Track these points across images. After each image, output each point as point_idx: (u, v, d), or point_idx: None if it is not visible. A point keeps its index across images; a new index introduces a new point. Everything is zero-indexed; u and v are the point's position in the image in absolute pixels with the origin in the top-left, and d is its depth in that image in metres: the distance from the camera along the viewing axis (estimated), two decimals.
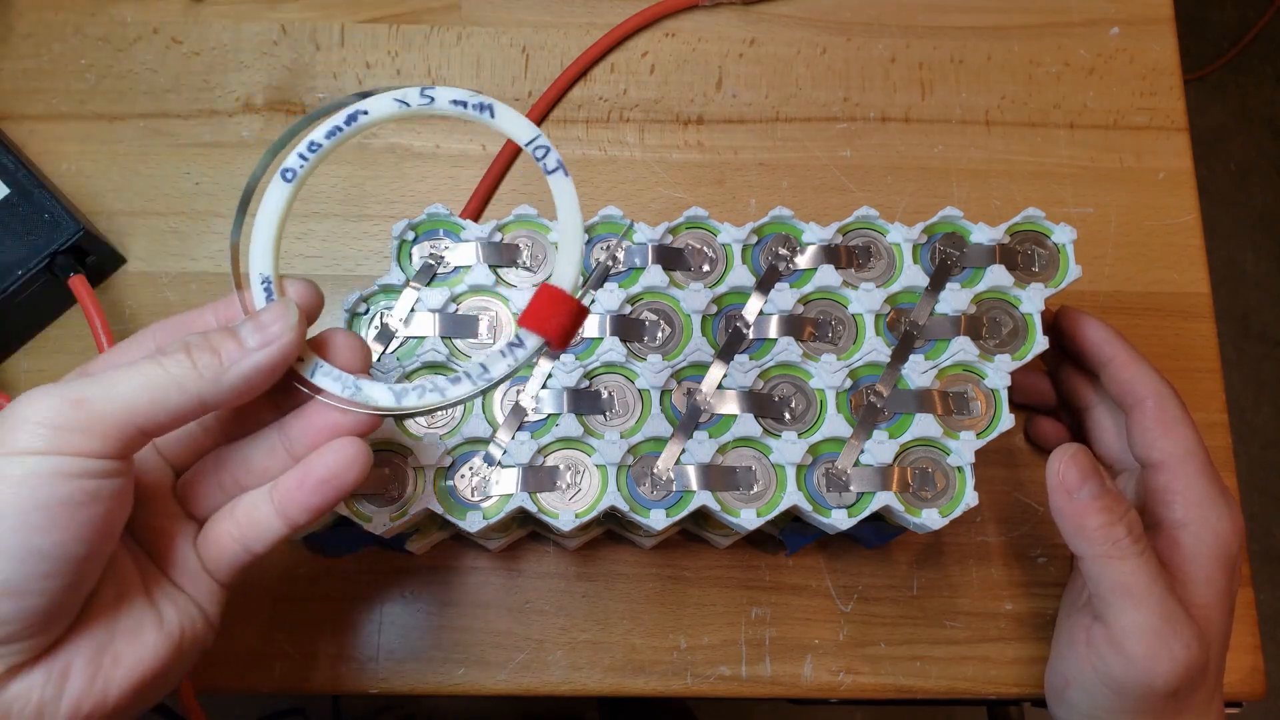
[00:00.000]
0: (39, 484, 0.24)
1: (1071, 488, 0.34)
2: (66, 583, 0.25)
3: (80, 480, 0.25)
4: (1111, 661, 0.34)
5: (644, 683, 0.41)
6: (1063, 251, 0.38)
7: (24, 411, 0.25)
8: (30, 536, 0.24)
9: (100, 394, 0.25)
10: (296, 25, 0.48)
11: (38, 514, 0.24)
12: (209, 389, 0.26)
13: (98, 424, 0.25)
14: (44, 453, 0.24)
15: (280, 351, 0.27)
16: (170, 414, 0.26)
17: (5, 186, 0.42)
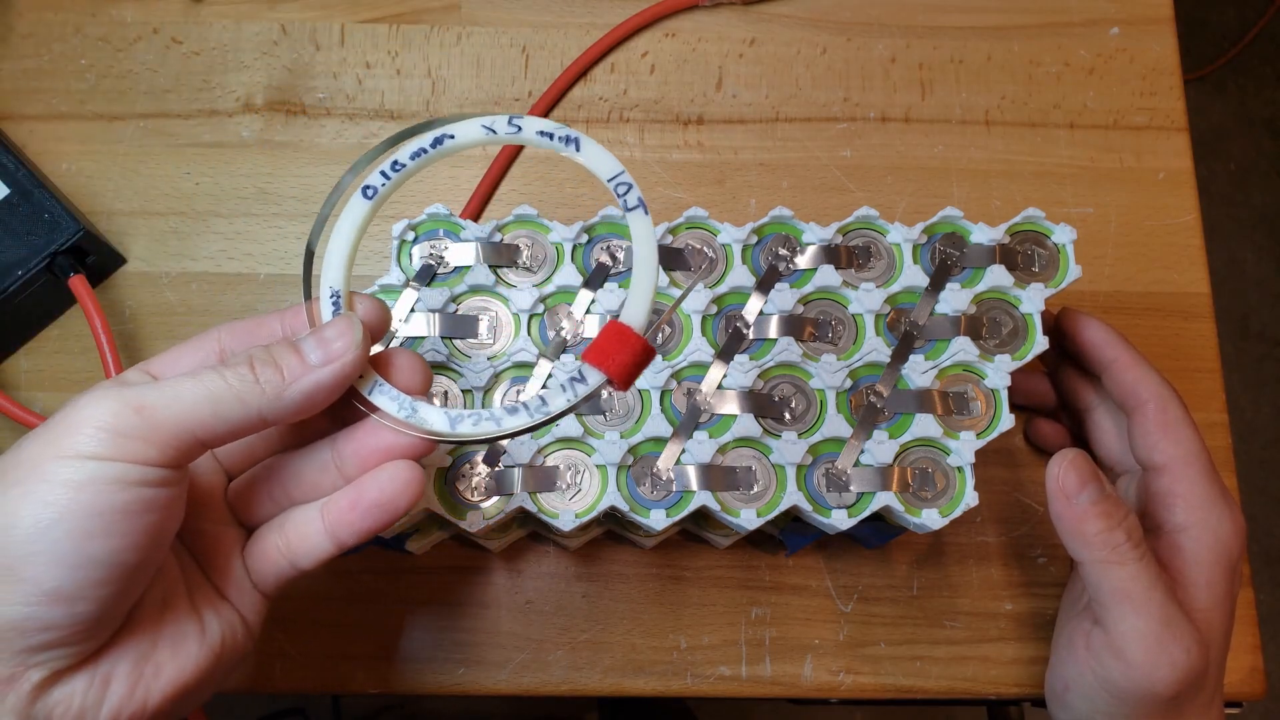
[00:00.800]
0: (97, 490, 0.24)
1: (1071, 493, 0.34)
2: (117, 590, 0.25)
3: (137, 488, 0.25)
4: (1111, 666, 0.34)
5: (644, 683, 0.41)
6: (1063, 251, 0.38)
7: (85, 413, 0.25)
8: (84, 543, 0.24)
9: (162, 402, 0.25)
10: (296, 25, 0.48)
11: (94, 520, 0.24)
12: (270, 405, 0.26)
13: (158, 433, 0.25)
14: (103, 458, 0.24)
15: (342, 370, 0.27)
16: (230, 427, 0.26)
17: (5, 186, 0.42)
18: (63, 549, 0.24)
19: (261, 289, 0.44)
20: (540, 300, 0.37)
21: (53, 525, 0.24)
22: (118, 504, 0.24)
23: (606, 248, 0.37)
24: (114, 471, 0.24)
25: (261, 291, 0.44)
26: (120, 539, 0.24)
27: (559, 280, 0.37)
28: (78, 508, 0.24)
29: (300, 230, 0.45)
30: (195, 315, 0.44)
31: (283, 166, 0.46)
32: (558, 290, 0.37)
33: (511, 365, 0.36)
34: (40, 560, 0.24)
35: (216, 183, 0.46)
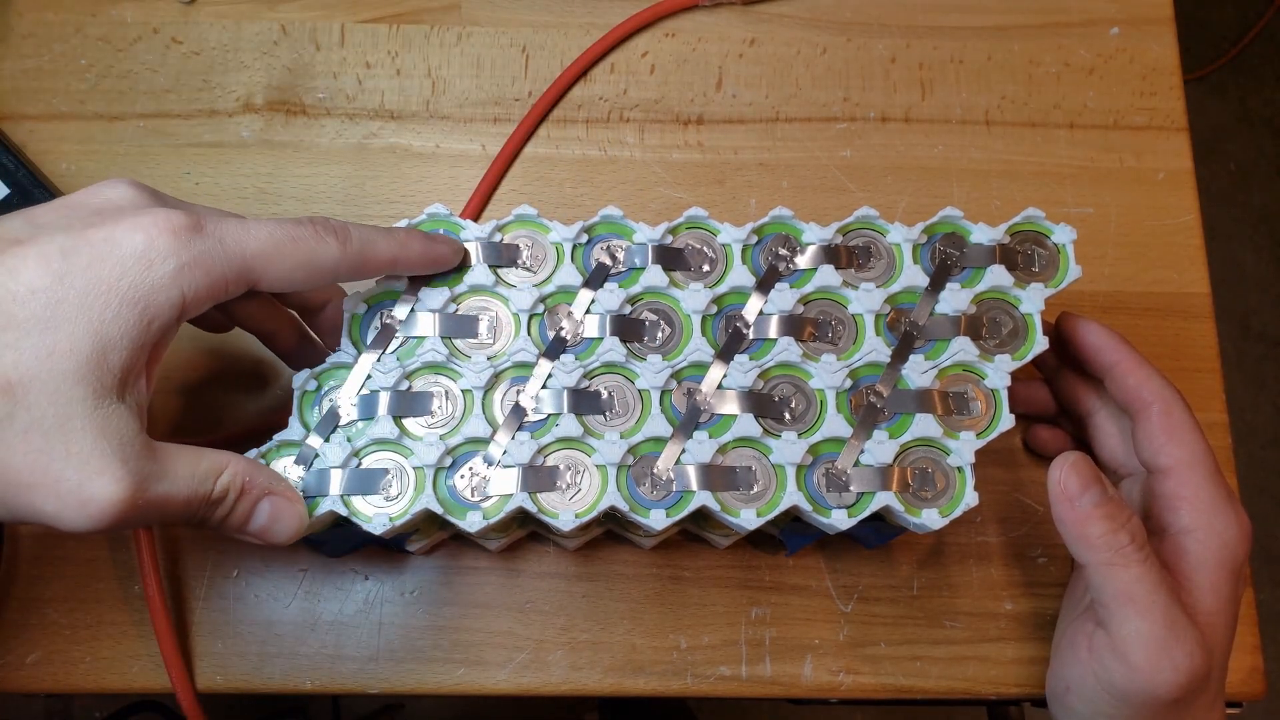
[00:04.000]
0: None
1: (1073, 495, 0.34)
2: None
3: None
4: (1114, 669, 0.34)
5: (644, 683, 0.41)
6: (1063, 252, 0.38)
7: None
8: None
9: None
10: (296, 25, 0.48)
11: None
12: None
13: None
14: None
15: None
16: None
17: (5, 186, 0.42)
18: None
19: None
20: (540, 300, 0.37)
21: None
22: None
23: (606, 248, 0.37)
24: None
25: None
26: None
27: (559, 280, 0.37)
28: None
29: None
30: None
31: (283, 166, 0.46)
32: (558, 290, 0.37)
33: (511, 365, 0.36)
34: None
35: (216, 183, 0.46)
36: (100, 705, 1.10)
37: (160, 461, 0.29)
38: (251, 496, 0.32)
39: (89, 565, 0.41)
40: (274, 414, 0.43)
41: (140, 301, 0.28)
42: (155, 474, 0.28)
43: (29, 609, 0.41)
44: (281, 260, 0.31)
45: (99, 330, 0.27)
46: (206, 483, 0.30)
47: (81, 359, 0.27)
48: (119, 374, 0.28)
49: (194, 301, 0.29)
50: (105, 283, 0.27)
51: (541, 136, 0.47)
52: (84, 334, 0.27)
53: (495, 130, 0.47)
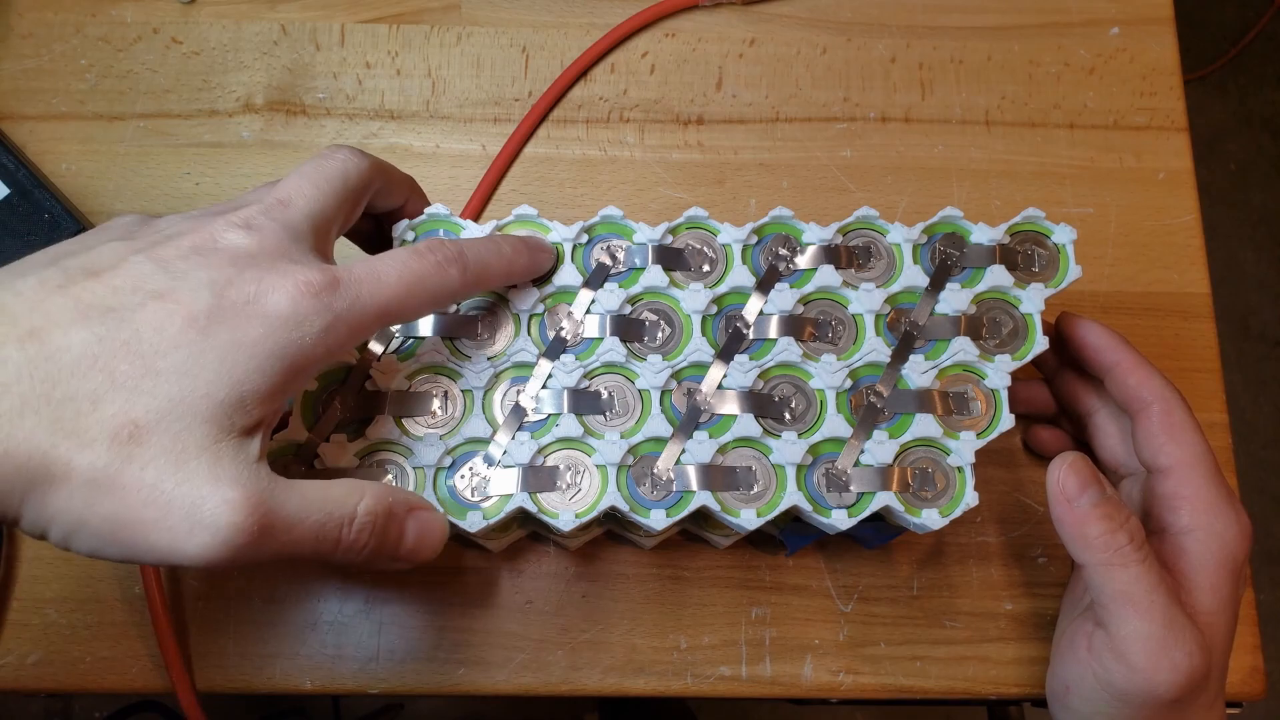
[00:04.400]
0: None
1: (1071, 496, 0.34)
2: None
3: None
4: (1113, 669, 0.34)
5: (644, 683, 0.41)
6: (1063, 252, 0.38)
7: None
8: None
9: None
10: (296, 25, 0.48)
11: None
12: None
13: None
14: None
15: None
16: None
17: (5, 186, 0.42)
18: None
19: None
20: (540, 300, 0.37)
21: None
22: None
23: (606, 248, 0.37)
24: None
25: None
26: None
27: (559, 280, 0.37)
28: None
29: None
30: None
31: (283, 166, 0.46)
32: (558, 290, 0.37)
33: (511, 365, 0.36)
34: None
35: (216, 183, 0.46)
36: (100, 705, 1.10)
37: (283, 487, 0.28)
38: (399, 517, 0.31)
39: (89, 565, 0.41)
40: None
41: (285, 358, 0.28)
42: (276, 498, 0.28)
43: (29, 609, 0.41)
44: (412, 302, 0.31)
45: (239, 381, 0.27)
46: (343, 507, 0.29)
47: (216, 403, 0.27)
48: (254, 420, 0.28)
49: (335, 352, 0.30)
50: (250, 340, 0.27)
51: (541, 136, 0.48)
52: (223, 384, 0.27)
53: (495, 130, 0.47)
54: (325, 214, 0.32)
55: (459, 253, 0.32)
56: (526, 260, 0.35)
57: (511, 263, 0.35)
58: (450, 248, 0.32)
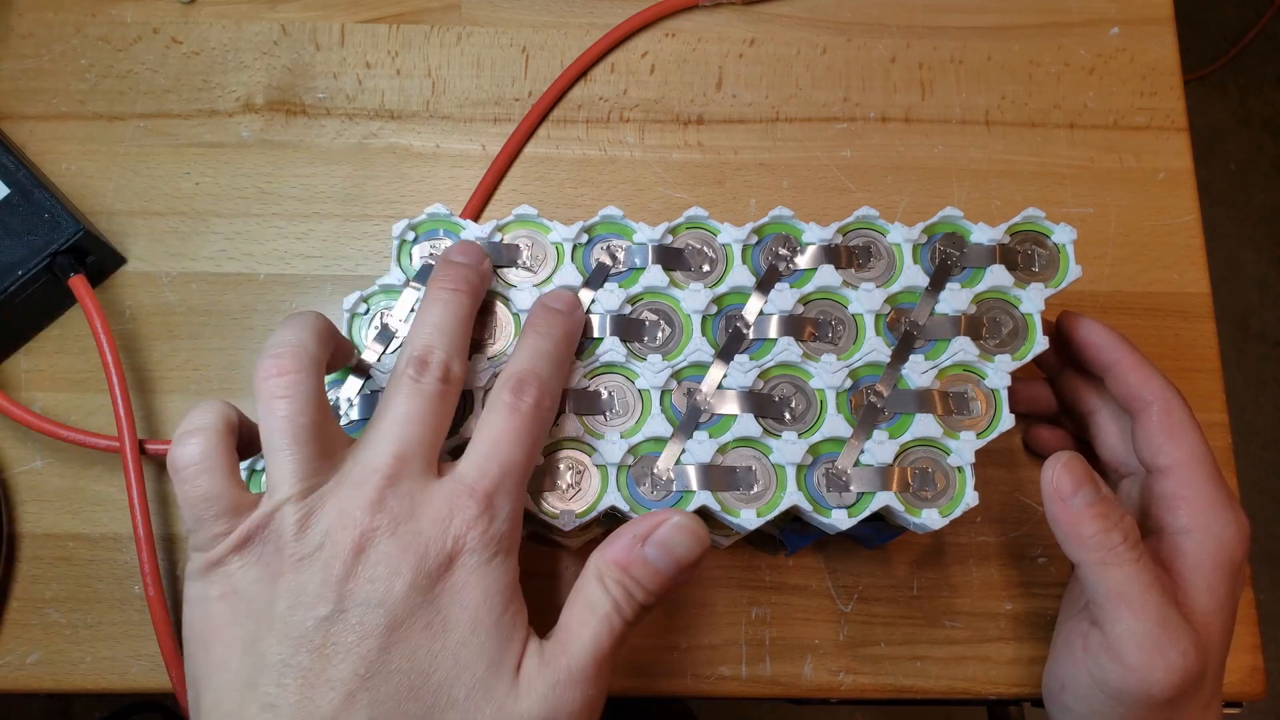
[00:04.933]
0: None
1: (1066, 495, 0.34)
2: None
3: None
4: (1108, 668, 0.34)
5: (644, 683, 0.41)
6: (1063, 251, 0.38)
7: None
8: None
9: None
10: (296, 25, 0.48)
11: None
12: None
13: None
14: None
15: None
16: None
17: (5, 186, 0.42)
18: None
19: (261, 289, 0.44)
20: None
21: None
22: None
23: (606, 248, 0.37)
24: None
25: (261, 292, 0.44)
26: None
27: (559, 280, 0.37)
28: None
29: (300, 230, 0.45)
30: (195, 315, 0.44)
31: (283, 166, 0.46)
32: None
33: None
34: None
35: (216, 183, 0.46)
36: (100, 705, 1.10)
37: (559, 653, 0.30)
38: (635, 563, 0.31)
39: (89, 565, 0.41)
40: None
41: (504, 594, 0.30)
42: (575, 672, 0.30)
43: (29, 609, 0.41)
44: (535, 461, 0.32)
45: (488, 646, 0.29)
46: (609, 617, 0.31)
47: (492, 665, 0.29)
48: (520, 641, 0.30)
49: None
50: (472, 606, 0.29)
51: (541, 136, 0.48)
52: (483, 655, 0.29)
53: (495, 130, 0.47)
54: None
55: (540, 384, 0.32)
56: (578, 323, 0.36)
57: (571, 338, 0.35)
58: (533, 386, 0.32)
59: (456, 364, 0.32)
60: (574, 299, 0.36)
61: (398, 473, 0.29)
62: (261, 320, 0.44)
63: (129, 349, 0.44)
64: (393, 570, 0.28)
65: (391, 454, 0.30)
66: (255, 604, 0.28)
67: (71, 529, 0.42)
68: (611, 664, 0.31)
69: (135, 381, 0.43)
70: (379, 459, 0.30)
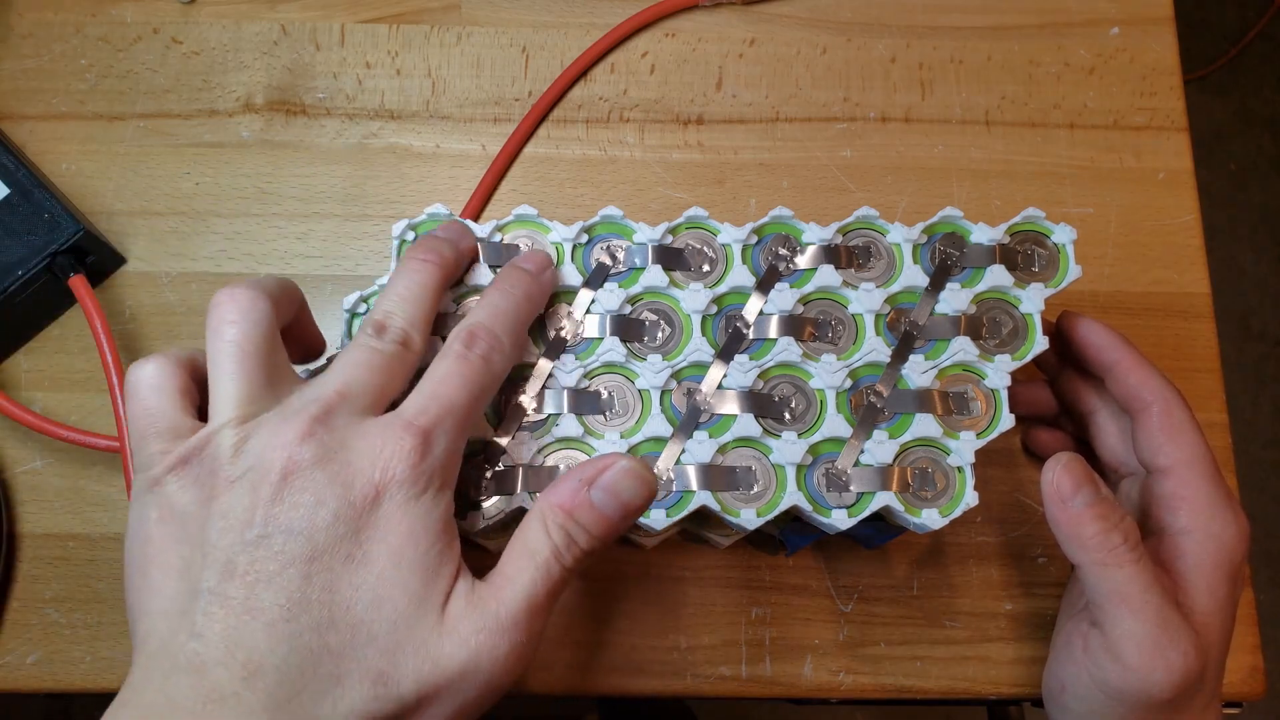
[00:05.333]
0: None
1: (1066, 496, 0.34)
2: None
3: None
4: (1108, 669, 0.34)
5: (644, 683, 0.41)
6: (1063, 251, 0.38)
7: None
8: None
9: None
10: (296, 25, 0.48)
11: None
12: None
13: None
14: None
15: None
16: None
17: (5, 186, 0.42)
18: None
19: None
20: None
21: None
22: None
23: (606, 248, 0.37)
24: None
25: None
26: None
27: (559, 280, 0.37)
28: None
29: (300, 230, 0.45)
30: (195, 315, 0.44)
31: (283, 166, 0.46)
32: (558, 290, 0.37)
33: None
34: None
35: (216, 183, 0.46)
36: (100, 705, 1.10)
37: (488, 591, 0.29)
38: (580, 506, 0.30)
39: (89, 565, 0.41)
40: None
41: (436, 526, 0.29)
42: (509, 602, 0.29)
43: (29, 609, 0.41)
44: (479, 409, 0.32)
45: (413, 577, 0.28)
46: (535, 553, 0.30)
47: (417, 599, 0.28)
48: (448, 577, 0.29)
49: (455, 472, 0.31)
50: (399, 535, 0.28)
51: (541, 136, 0.48)
52: (409, 587, 0.28)
53: (495, 130, 0.47)
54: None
55: (489, 340, 0.32)
56: (546, 284, 0.36)
57: (535, 298, 0.35)
58: (483, 339, 0.32)
59: (416, 334, 0.32)
60: (545, 259, 0.36)
61: (336, 406, 0.29)
62: None
63: (129, 349, 0.44)
64: (318, 499, 0.27)
65: (334, 389, 0.29)
66: (190, 526, 0.28)
67: (71, 529, 0.42)
68: (548, 611, 0.30)
69: None
70: (322, 391, 0.29)
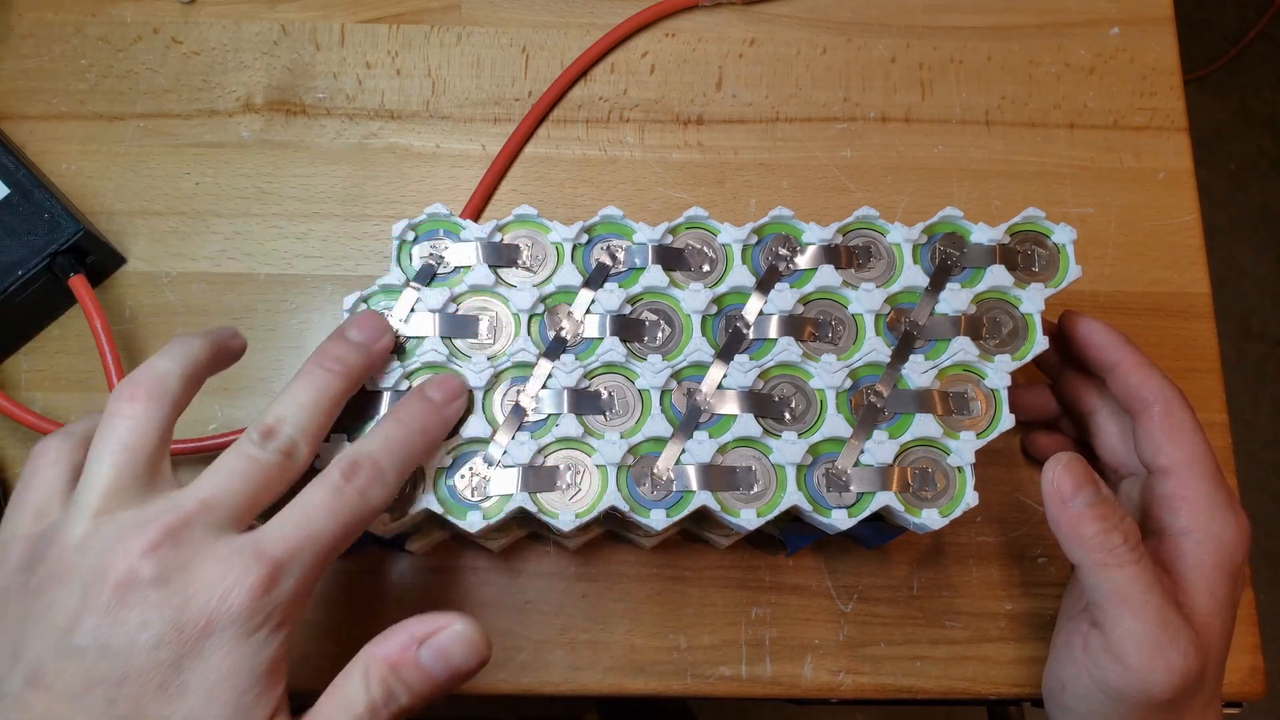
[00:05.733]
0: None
1: (1066, 496, 0.34)
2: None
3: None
4: (1108, 669, 0.34)
5: (644, 683, 0.41)
6: (1063, 251, 0.38)
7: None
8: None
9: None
10: (296, 25, 0.48)
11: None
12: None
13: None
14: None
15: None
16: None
17: (5, 186, 0.42)
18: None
19: (261, 289, 0.44)
20: (540, 300, 0.37)
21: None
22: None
23: (606, 248, 0.37)
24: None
25: (261, 291, 0.44)
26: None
27: (559, 280, 0.37)
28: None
29: (300, 230, 0.45)
30: (195, 315, 0.44)
31: (283, 166, 0.46)
32: (558, 290, 0.37)
33: (512, 365, 0.36)
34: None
35: (216, 183, 0.46)
36: None
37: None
38: (408, 665, 0.29)
39: None
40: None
41: (259, 665, 0.28)
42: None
43: None
44: (345, 545, 0.31)
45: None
46: (350, 706, 0.28)
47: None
48: (269, 713, 0.28)
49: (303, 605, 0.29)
50: (222, 672, 0.27)
51: (541, 136, 0.48)
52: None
53: (495, 130, 0.47)
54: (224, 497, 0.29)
55: (375, 471, 0.31)
56: (449, 418, 0.34)
57: (432, 433, 0.33)
58: (366, 471, 0.30)
59: (304, 445, 0.31)
60: (457, 389, 0.34)
61: (195, 519, 0.28)
62: (262, 320, 0.44)
63: (129, 349, 0.44)
64: (144, 619, 0.26)
65: (198, 499, 0.28)
66: (12, 613, 0.27)
67: None
68: None
69: None
70: (184, 500, 0.28)
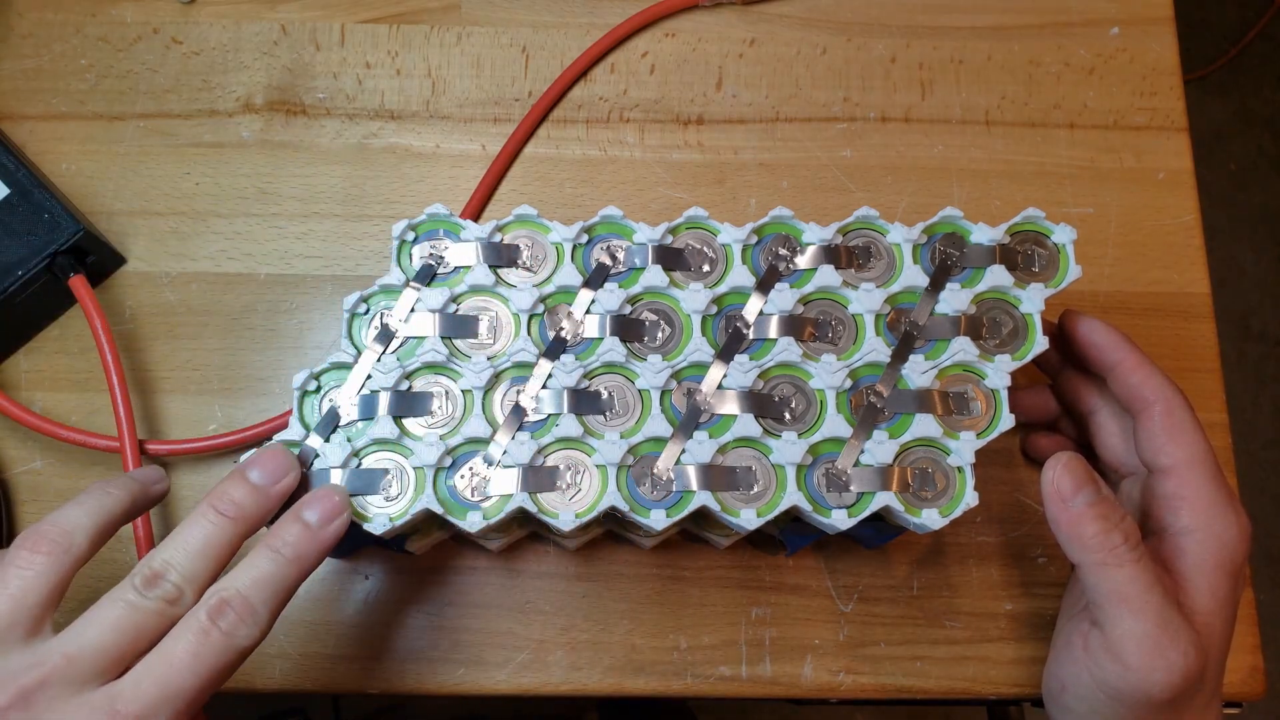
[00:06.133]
0: None
1: (1066, 496, 0.34)
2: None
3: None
4: (1108, 669, 0.34)
5: (644, 683, 0.41)
6: (1063, 251, 0.38)
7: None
8: None
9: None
10: (296, 25, 0.48)
11: None
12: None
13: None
14: None
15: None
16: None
17: (5, 186, 0.42)
18: None
19: (261, 289, 0.44)
20: (540, 300, 0.37)
21: None
22: None
23: (606, 248, 0.37)
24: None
25: (261, 292, 0.44)
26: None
27: (559, 280, 0.37)
28: None
29: (300, 230, 0.45)
30: (195, 315, 0.44)
31: (283, 166, 0.46)
32: (558, 290, 0.37)
33: (511, 365, 0.36)
34: None
35: (216, 183, 0.46)
36: None
37: None
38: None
39: (89, 565, 0.41)
40: (274, 415, 0.43)
41: None
42: None
43: None
44: (214, 689, 0.30)
45: None
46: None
47: None
48: None
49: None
50: None
51: (541, 136, 0.48)
52: None
53: (495, 130, 0.47)
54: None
55: (245, 610, 0.30)
56: (327, 540, 0.33)
57: (306, 560, 0.32)
58: (235, 610, 0.30)
59: (190, 592, 0.30)
60: (338, 507, 0.33)
61: (53, 678, 0.28)
62: (261, 320, 0.44)
63: (129, 349, 0.44)
64: None
65: (62, 654, 0.28)
66: None
67: None
68: None
69: (135, 381, 0.43)
70: (47, 655, 0.28)
